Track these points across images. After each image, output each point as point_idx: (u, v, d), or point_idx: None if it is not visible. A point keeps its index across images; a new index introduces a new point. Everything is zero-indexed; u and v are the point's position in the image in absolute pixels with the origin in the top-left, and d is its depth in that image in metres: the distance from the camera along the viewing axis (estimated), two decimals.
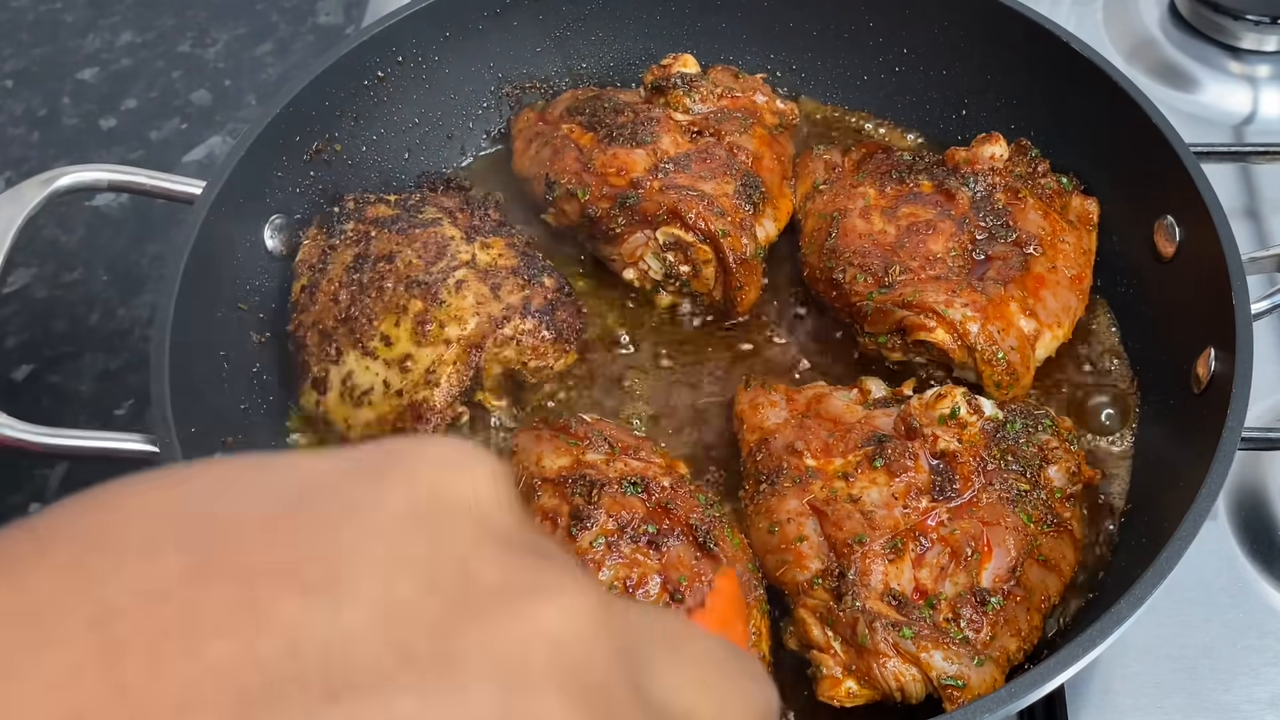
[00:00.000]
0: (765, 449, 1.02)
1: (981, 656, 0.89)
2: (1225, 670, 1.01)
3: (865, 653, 0.89)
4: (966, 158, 1.17)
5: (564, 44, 1.34)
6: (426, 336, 1.06)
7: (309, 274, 1.13)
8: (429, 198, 1.20)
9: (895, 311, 1.08)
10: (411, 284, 1.08)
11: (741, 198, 1.15)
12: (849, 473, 0.98)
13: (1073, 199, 1.18)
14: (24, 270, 1.39)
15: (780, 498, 0.98)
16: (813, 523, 0.96)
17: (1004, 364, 1.06)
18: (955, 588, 0.92)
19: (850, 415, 1.04)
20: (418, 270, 1.09)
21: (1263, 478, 1.13)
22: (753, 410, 1.07)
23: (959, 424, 1.00)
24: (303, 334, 1.11)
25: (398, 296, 1.08)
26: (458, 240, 1.12)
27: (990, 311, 1.07)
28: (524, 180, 1.25)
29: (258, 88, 1.58)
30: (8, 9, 1.68)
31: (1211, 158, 1.13)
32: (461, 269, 1.09)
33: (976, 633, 0.90)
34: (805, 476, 0.99)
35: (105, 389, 1.28)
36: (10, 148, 1.52)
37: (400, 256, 1.10)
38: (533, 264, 1.13)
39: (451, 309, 1.07)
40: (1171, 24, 1.52)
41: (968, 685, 0.88)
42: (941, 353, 1.08)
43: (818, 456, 1.00)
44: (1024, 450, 0.99)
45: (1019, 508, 0.96)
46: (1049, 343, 1.10)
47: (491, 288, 1.09)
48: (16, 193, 1.03)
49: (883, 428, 1.01)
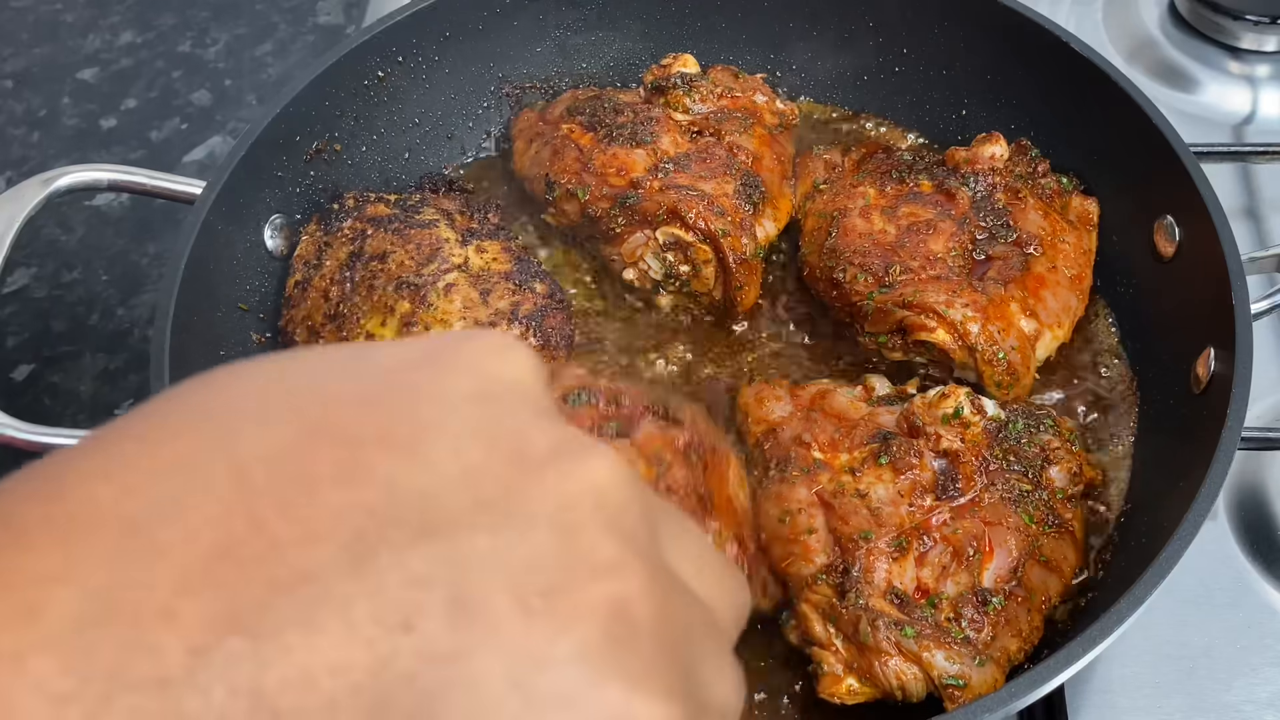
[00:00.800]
0: (773, 439, 1.02)
1: (983, 656, 0.89)
2: (1225, 670, 1.01)
3: (867, 651, 0.89)
4: (967, 157, 1.17)
5: (564, 44, 1.34)
6: (411, 337, 1.06)
7: (304, 270, 1.14)
8: (429, 199, 1.20)
9: (896, 311, 1.08)
10: (401, 285, 1.08)
11: (741, 198, 1.16)
12: (855, 467, 0.98)
13: (1073, 199, 1.18)
14: (24, 270, 1.39)
15: (790, 485, 0.98)
16: (821, 516, 0.96)
17: (1005, 364, 1.06)
18: (957, 587, 0.92)
19: (855, 412, 1.04)
20: (408, 271, 1.09)
21: (1263, 478, 1.13)
22: (758, 403, 1.07)
23: (962, 424, 1.00)
24: (292, 329, 1.12)
25: (386, 297, 1.08)
26: (452, 243, 1.12)
27: (991, 312, 1.07)
28: (524, 180, 1.25)
29: (258, 88, 1.58)
30: (8, 9, 1.69)
31: (1211, 158, 1.13)
32: (453, 272, 1.09)
33: (978, 633, 0.90)
34: (814, 468, 0.99)
35: (105, 389, 1.28)
36: (10, 148, 1.52)
37: (393, 257, 1.10)
38: (526, 269, 1.13)
39: (438, 312, 1.07)
40: (1171, 24, 1.52)
41: (969, 685, 0.88)
42: (942, 353, 1.08)
43: (824, 450, 1.00)
44: (1026, 451, 0.99)
45: (1021, 508, 0.96)
46: (1049, 343, 1.10)
47: (481, 293, 1.09)
48: (17, 192, 1.03)
49: (886, 425, 1.01)
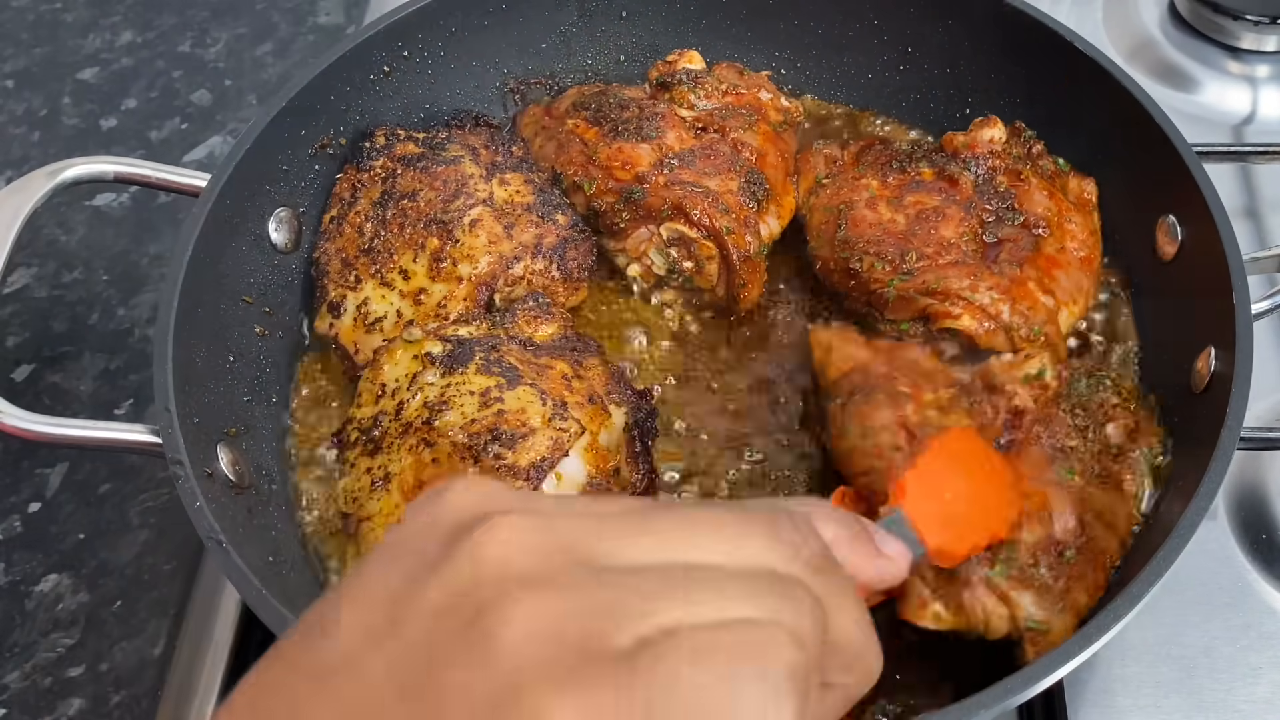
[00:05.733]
0: (860, 373, 1.02)
1: (1063, 604, 0.89)
2: (1225, 670, 1.01)
3: (957, 581, 0.88)
4: (965, 142, 1.17)
5: (569, 40, 1.34)
6: (440, 273, 1.12)
7: (339, 206, 1.18)
8: (455, 135, 1.23)
9: (919, 299, 1.08)
10: (430, 221, 1.13)
11: (745, 194, 1.16)
12: (942, 406, 0.98)
13: (1070, 180, 1.18)
14: (24, 270, 1.39)
15: (876, 407, 0.98)
16: (905, 439, 0.95)
17: (1041, 339, 1.07)
18: (1033, 535, 0.91)
19: (929, 363, 1.04)
20: (435, 209, 1.14)
21: (1262, 477, 1.13)
22: (842, 342, 1.07)
23: (1042, 385, 1.00)
24: (326, 260, 1.16)
25: (417, 234, 1.13)
26: (476, 178, 1.17)
27: (1015, 292, 1.07)
28: None
29: (258, 88, 1.58)
30: (8, 9, 1.69)
31: (1211, 157, 1.13)
32: (478, 207, 1.14)
33: (1055, 581, 0.90)
34: (900, 398, 0.98)
35: (105, 388, 1.28)
36: (11, 148, 1.52)
37: (422, 195, 1.15)
38: (548, 200, 1.17)
39: (465, 247, 1.12)
40: (1171, 24, 1.52)
41: (1050, 631, 0.87)
42: (967, 338, 1.08)
43: (910, 387, 1.00)
44: (1089, 404, 0.99)
45: (1061, 463, 0.95)
46: (1067, 319, 1.10)
47: (505, 227, 1.14)
48: (23, 183, 1.03)
49: (963, 380, 1.02)
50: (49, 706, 1.06)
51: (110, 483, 1.21)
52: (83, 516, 1.18)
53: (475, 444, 0.95)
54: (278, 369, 1.14)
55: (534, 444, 0.96)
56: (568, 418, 0.98)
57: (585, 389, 1.02)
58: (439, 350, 1.03)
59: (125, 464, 1.21)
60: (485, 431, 0.96)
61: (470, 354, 1.02)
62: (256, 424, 1.08)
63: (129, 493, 1.20)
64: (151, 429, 0.94)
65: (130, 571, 1.14)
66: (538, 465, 0.95)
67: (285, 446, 1.12)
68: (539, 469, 0.95)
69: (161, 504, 1.19)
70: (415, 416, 1.00)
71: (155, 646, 1.09)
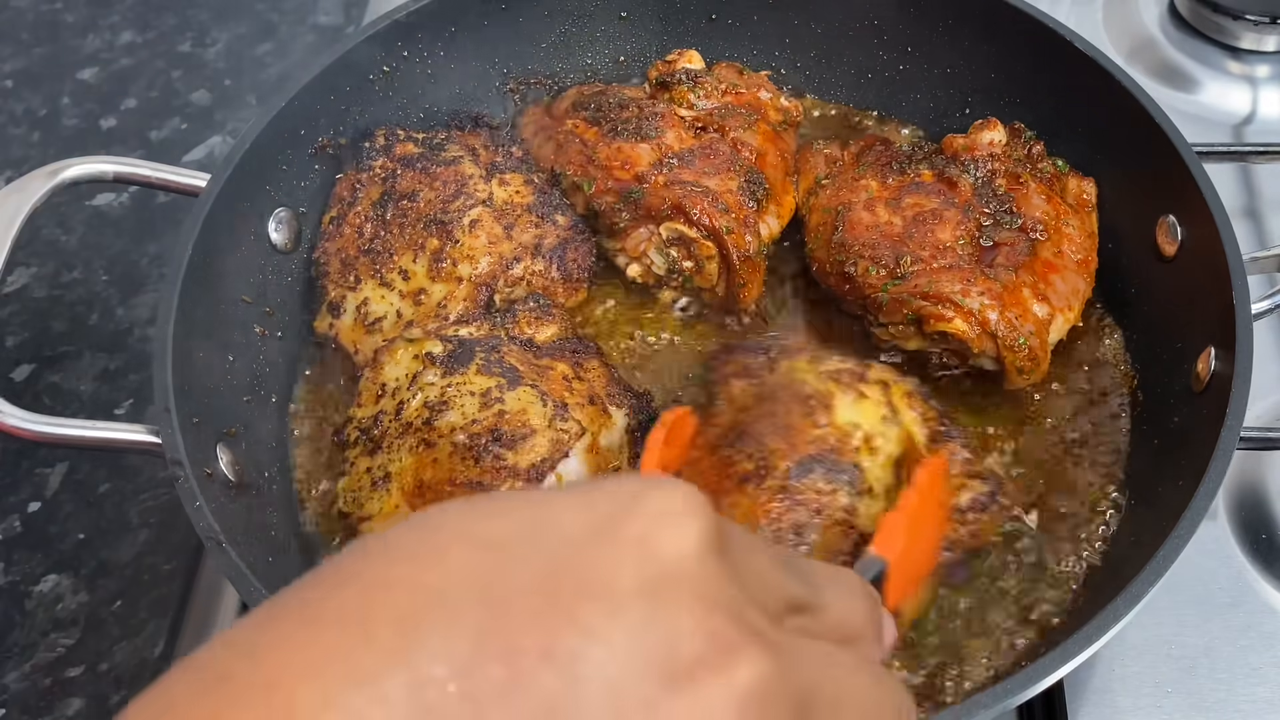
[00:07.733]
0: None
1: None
2: (1225, 670, 1.01)
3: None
4: (965, 145, 1.17)
5: (569, 39, 1.34)
6: (440, 273, 1.12)
7: (339, 207, 1.18)
8: (455, 135, 1.24)
9: (912, 302, 1.08)
10: (430, 222, 1.14)
11: (745, 194, 1.16)
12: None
13: (1069, 180, 1.18)
14: (24, 270, 1.39)
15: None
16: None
17: (1026, 349, 1.07)
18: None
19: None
20: (435, 209, 1.14)
21: (1262, 477, 1.13)
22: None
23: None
24: (325, 260, 1.16)
25: (416, 234, 1.14)
26: (476, 178, 1.17)
27: (1006, 299, 1.07)
28: None
29: (258, 88, 1.58)
30: (8, 9, 1.69)
31: (1211, 157, 1.13)
32: (477, 207, 1.15)
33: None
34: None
35: (105, 388, 1.28)
36: (10, 148, 1.52)
37: (422, 195, 1.16)
38: (547, 201, 1.18)
39: (465, 248, 1.13)
40: (1171, 24, 1.52)
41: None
42: (959, 341, 1.08)
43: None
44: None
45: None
46: (1061, 325, 1.10)
47: (505, 227, 1.15)
48: (23, 183, 1.02)
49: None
50: (49, 707, 1.06)
51: (110, 483, 1.21)
52: (82, 516, 1.18)
53: (475, 444, 0.96)
54: (277, 369, 1.14)
55: (534, 445, 0.96)
56: (568, 419, 0.98)
57: (586, 390, 1.03)
58: (440, 350, 1.03)
59: (125, 464, 1.21)
60: (486, 432, 0.96)
61: (471, 354, 1.02)
62: (256, 424, 1.08)
63: (129, 493, 1.20)
64: (151, 429, 0.94)
65: (130, 571, 1.14)
66: (538, 466, 0.95)
67: (285, 447, 1.12)
68: (539, 470, 0.95)
69: (161, 504, 1.19)
70: (415, 416, 1.00)
71: (155, 646, 1.10)
